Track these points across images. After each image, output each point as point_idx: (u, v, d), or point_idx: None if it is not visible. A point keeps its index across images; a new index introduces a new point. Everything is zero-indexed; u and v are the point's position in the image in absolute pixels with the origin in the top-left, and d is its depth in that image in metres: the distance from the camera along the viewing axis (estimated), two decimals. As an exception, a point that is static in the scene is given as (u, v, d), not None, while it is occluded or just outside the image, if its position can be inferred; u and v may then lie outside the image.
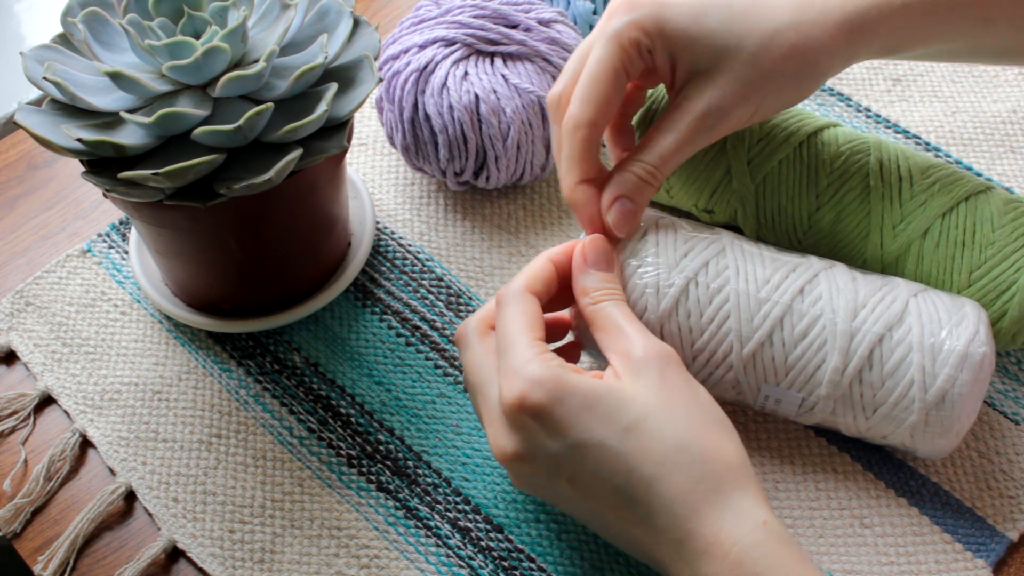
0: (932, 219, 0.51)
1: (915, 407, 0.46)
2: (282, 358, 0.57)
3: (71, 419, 0.55)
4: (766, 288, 0.47)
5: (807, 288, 0.47)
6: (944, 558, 0.49)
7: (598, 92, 0.47)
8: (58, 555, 0.50)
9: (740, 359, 0.47)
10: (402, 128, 0.59)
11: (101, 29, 0.49)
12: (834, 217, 0.53)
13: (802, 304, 0.47)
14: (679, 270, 0.48)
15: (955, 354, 0.46)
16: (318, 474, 0.53)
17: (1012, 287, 0.50)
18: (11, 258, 0.62)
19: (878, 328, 0.46)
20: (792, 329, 0.47)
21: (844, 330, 0.46)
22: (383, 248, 0.61)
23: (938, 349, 0.46)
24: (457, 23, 0.59)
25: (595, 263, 0.47)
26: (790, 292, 0.47)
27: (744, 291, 0.47)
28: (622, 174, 0.48)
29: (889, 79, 0.69)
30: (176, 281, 0.56)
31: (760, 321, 0.47)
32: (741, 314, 0.47)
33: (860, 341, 0.46)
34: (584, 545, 0.50)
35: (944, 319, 0.47)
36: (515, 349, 0.44)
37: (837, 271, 0.49)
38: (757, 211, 0.55)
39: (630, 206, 0.48)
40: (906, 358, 0.46)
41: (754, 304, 0.47)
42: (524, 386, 0.42)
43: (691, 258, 0.48)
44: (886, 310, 0.47)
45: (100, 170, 0.47)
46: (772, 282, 0.48)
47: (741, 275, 0.48)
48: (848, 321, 0.46)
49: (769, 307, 0.47)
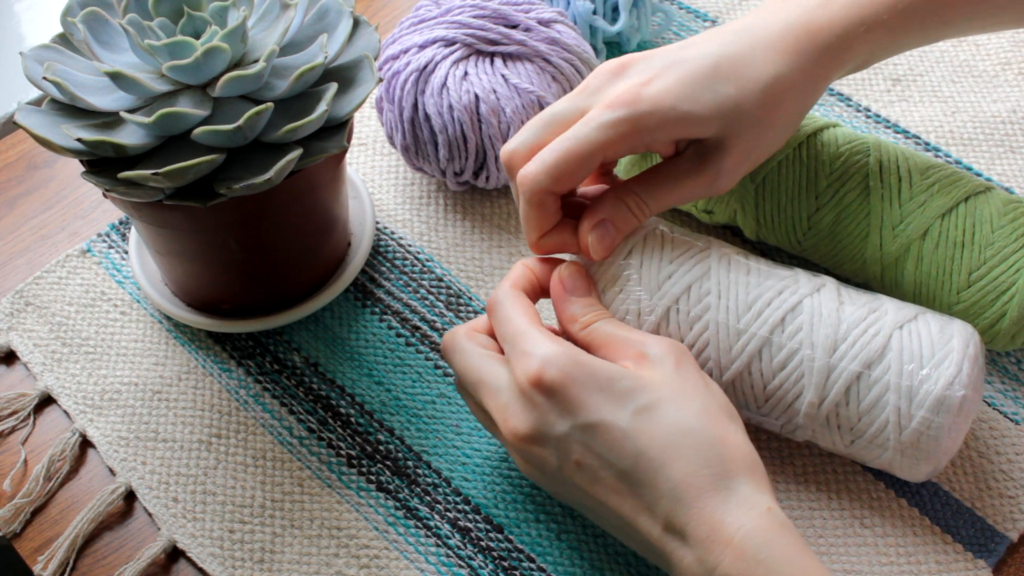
0: (931, 220, 0.51)
1: (890, 445, 0.46)
2: (282, 358, 0.57)
3: (71, 419, 0.55)
4: (745, 318, 0.47)
5: (788, 317, 0.47)
6: (944, 558, 0.49)
7: (570, 169, 0.46)
8: (58, 555, 0.50)
9: (720, 384, 0.48)
10: (402, 128, 0.59)
11: (101, 29, 0.49)
12: (833, 218, 0.53)
13: (781, 336, 0.47)
14: (660, 295, 0.48)
15: (932, 397, 0.45)
16: (318, 474, 0.53)
17: (1011, 288, 0.50)
18: (11, 258, 0.62)
19: (855, 367, 0.46)
20: (771, 360, 0.47)
21: (821, 367, 0.46)
22: (383, 248, 0.61)
23: (915, 391, 0.45)
24: (457, 23, 0.59)
25: (573, 290, 0.48)
26: (769, 324, 0.47)
27: (724, 322, 0.47)
28: (614, 201, 0.48)
29: (889, 79, 0.69)
30: (176, 281, 0.56)
31: (738, 352, 0.47)
32: (720, 344, 0.47)
33: (836, 378, 0.46)
34: (584, 545, 0.50)
35: (927, 356, 0.46)
36: (527, 335, 0.44)
37: (824, 295, 0.48)
38: (757, 212, 0.55)
39: (612, 232, 0.48)
40: (882, 398, 0.45)
41: (732, 335, 0.47)
42: (540, 364, 0.42)
43: (674, 281, 0.48)
44: (866, 345, 0.46)
45: (100, 170, 0.47)
46: (753, 310, 0.47)
47: (722, 302, 0.47)
48: (826, 357, 0.46)
49: (747, 339, 0.47)
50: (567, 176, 0.46)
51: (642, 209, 0.48)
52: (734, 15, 0.73)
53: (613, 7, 0.68)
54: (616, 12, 0.68)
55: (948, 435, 0.45)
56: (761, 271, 0.49)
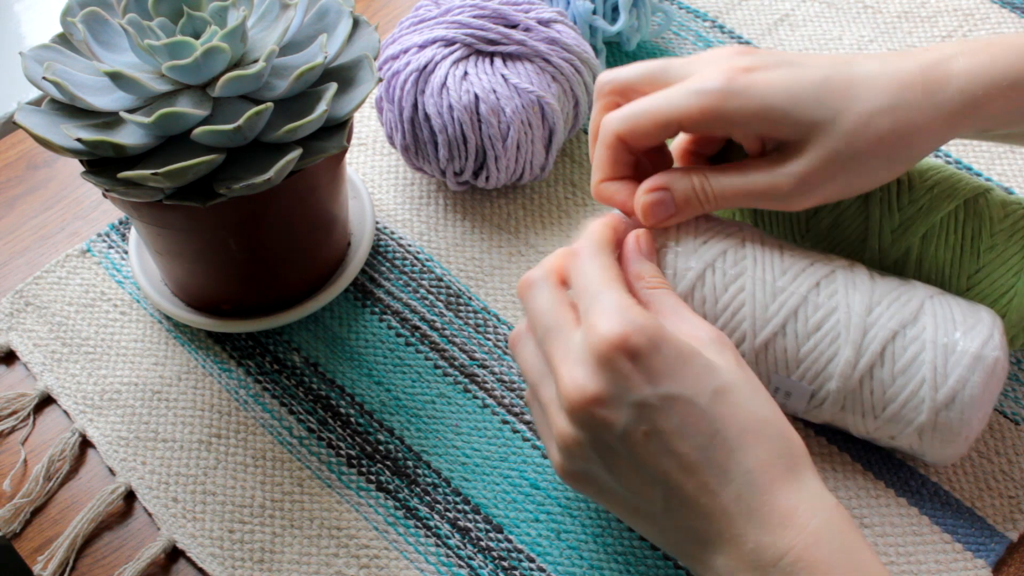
0: (931, 222, 0.51)
1: (925, 407, 0.46)
2: (282, 358, 0.57)
3: (71, 419, 0.55)
4: (783, 279, 0.47)
5: (824, 282, 0.47)
6: (944, 558, 0.49)
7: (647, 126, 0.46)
8: (58, 555, 0.50)
9: (752, 348, 0.47)
10: (402, 128, 0.59)
11: (101, 29, 0.49)
12: (832, 220, 0.53)
13: (818, 296, 0.47)
14: (698, 256, 0.48)
15: (968, 355, 0.45)
16: (318, 474, 0.53)
17: (1011, 290, 0.50)
18: (11, 258, 0.62)
19: (892, 324, 0.46)
20: (806, 321, 0.47)
21: (858, 324, 0.46)
22: (383, 248, 0.61)
23: (951, 349, 0.46)
24: (457, 23, 0.59)
25: (648, 253, 0.47)
26: (807, 284, 0.47)
27: (761, 279, 0.47)
28: (681, 173, 0.48)
29: (889, 79, 0.69)
30: (176, 281, 0.56)
31: (775, 311, 0.47)
32: (756, 302, 0.47)
33: (874, 336, 0.46)
34: (583, 545, 0.50)
35: (959, 321, 0.46)
36: (611, 294, 0.43)
37: (857, 269, 0.49)
38: (755, 212, 0.55)
39: (668, 202, 0.47)
40: (919, 356, 0.46)
41: (770, 293, 0.47)
42: (626, 327, 0.41)
43: (710, 246, 0.48)
44: (902, 308, 0.47)
45: (100, 170, 0.47)
46: (790, 273, 0.47)
47: (759, 264, 0.48)
48: (863, 316, 0.46)
49: (785, 297, 0.47)
50: (642, 132, 0.46)
51: (705, 191, 0.47)
52: (734, 15, 0.73)
53: (613, 7, 0.68)
54: (616, 12, 0.68)
55: (981, 399, 0.45)
56: (795, 249, 0.49)
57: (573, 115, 0.62)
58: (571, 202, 0.63)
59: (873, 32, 0.72)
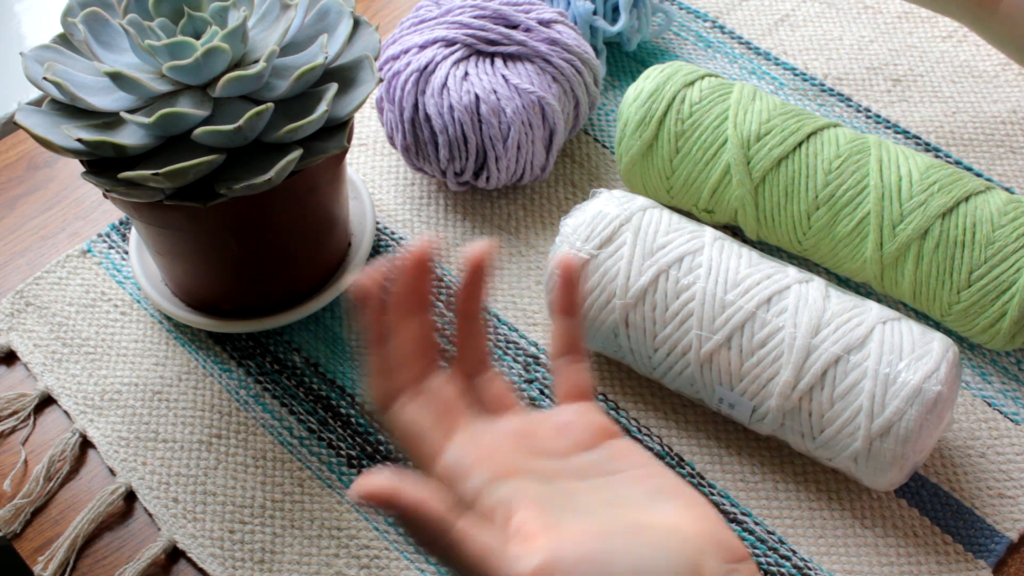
0: (932, 219, 0.51)
1: (860, 435, 0.46)
2: (282, 358, 0.57)
3: (71, 419, 0.55)
4: (733, 292, 0.47)
5: (775, 298, 0.47)
6: (944, 558, 0.49)
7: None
8: (58, 555, 0.50)
9: (698, 358, 0.48)
10: (402, 128, 0.59)
11: (101, 29, 0.49)
12: (833, 217, 0.53)
13: (766, 313, 0.47)
14: (652, 261, 0.48)
15: (908, 387, 0.45)
16: (318, 474, 0.53)
17: (1012, 287, 0.50)
18: (11, 258, 0.62)
19: (836, 349, 0.46)
20: (752, 336, 0.47)
21: (802, 345, 0.46)
22: (383, 248, 0.61)
23: (892, 380, 0.45)
24: (457, 23, 0.59)
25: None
26: (756, 299, 0.47)
27: (711, 292, 0.47)
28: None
29: (889, 79, 0.69)
30: (176, 281, 0.56)
31: (721, 324, 0.47)
32: (704, 314, 0.47)
33: (816, 359, 0.46)
34: (584, 545, 0.50)
35: (907, 350, 0.46)
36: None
37: (811, 287, 0.48)
38: (757, 211, 0.55)
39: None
40: (859, 383, 0.45)
41: (718, 307, 0.47)
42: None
43: (667, 251, 0.49)
44: (850, 332, 0.46)
45: (100, 170, 0.47)
46: (741, 287, 0.48)
47: (712, 276, 0.48)
48: (808, 337, 0.46)
49: (732, 311, 0.47)
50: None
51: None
52: (734, 15, 0.73)
53: (613, 7, 0.68)
54: (616, 12, 0.68)
55: (917, 433, 0.45)
56: (752, 258, 0.49)
57: (573, 115, 0.62)
58: (571, 202, 0.63)
59: (873, 32, 0.72)
